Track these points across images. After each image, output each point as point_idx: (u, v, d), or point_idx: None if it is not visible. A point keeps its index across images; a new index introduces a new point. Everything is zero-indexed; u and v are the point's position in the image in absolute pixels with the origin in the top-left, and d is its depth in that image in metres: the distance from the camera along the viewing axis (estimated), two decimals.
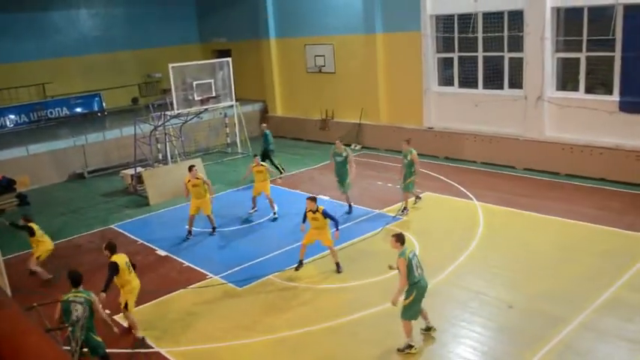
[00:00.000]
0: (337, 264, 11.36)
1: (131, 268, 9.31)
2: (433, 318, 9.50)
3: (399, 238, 8.48)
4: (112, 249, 9.31)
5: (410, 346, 8.52)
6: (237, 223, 14.43)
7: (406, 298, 8.41)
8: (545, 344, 8.42)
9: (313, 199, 11.23)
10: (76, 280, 7.93)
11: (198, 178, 13.32)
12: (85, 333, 7.49)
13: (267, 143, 18.28)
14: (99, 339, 7.95)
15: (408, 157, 13.98)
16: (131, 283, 9.26)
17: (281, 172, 18.35)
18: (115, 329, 8.64)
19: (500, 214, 13.84)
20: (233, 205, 16.01)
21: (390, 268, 8.83)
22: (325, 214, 11.07)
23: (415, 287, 8.36)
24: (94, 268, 12.59)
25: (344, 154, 14.27)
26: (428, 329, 8.99)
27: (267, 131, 18.52)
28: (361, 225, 13.62)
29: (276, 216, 14.43)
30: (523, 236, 12.37)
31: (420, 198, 14.70)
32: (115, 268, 9.01)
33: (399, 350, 8.55)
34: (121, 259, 9.17)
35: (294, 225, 13.45)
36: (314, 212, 11.11)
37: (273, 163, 18.16)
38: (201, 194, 13.40)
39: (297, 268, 11.44)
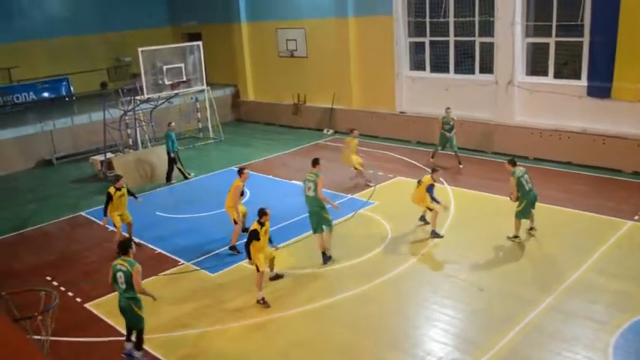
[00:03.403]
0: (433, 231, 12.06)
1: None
2: (405, 301, 9.67)
3: (511, 162, 11.44)
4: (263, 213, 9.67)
5: (516, 237, 11.37)
6: (210, 208, 14.31)
7: (519, 205, 11.22)
8: (515, 326, 8.61)
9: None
10: (123, 249, 8.35)
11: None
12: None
13: (173, 145, 16.65)
14: (141, 313, 8.36)
15: (451, 123, 16.18)
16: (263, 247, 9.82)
17: (186, 178, 17.18)
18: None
19: (470, 198, 14.04)
20: (205, 191, 15.93)
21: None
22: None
23: (526, 197, 11.15)
24: (65, 256, 12.46)
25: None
26: (531, 229, 11.66)
27: (172, 132, 16.78)
28: (333, 210, 13.63)
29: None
30: (493, 220, 12.54)
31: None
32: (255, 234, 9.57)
33: (508, 238, 11.37)
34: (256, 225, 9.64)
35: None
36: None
37: (179, 168, 17.04)
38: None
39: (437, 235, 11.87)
